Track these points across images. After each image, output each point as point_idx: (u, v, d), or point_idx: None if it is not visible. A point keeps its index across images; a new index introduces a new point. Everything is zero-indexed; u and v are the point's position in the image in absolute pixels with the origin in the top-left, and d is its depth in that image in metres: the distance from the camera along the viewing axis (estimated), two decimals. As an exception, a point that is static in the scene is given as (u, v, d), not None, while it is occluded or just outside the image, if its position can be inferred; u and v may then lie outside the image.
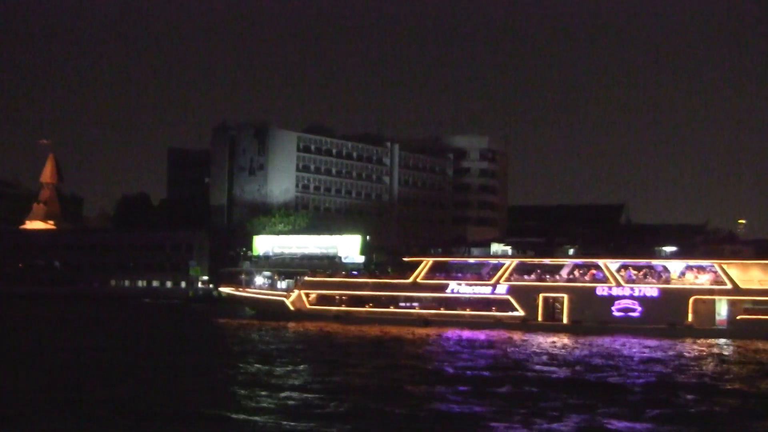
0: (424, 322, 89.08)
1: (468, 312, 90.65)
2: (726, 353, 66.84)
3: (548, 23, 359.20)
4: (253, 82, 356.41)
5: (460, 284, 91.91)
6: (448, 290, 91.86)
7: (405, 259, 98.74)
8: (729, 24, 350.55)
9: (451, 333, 79.64)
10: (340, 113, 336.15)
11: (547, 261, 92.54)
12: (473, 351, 63.46)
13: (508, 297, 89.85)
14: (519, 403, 39.53)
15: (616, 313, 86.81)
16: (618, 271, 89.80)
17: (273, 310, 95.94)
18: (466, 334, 79.20)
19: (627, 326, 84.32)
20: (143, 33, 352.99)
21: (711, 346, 72.34)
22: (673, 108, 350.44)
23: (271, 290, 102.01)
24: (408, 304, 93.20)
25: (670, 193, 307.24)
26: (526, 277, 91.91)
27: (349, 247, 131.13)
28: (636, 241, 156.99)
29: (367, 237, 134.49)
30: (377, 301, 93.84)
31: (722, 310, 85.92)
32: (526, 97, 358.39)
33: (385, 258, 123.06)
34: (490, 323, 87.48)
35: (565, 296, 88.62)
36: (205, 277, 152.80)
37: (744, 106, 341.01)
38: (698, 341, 76.84)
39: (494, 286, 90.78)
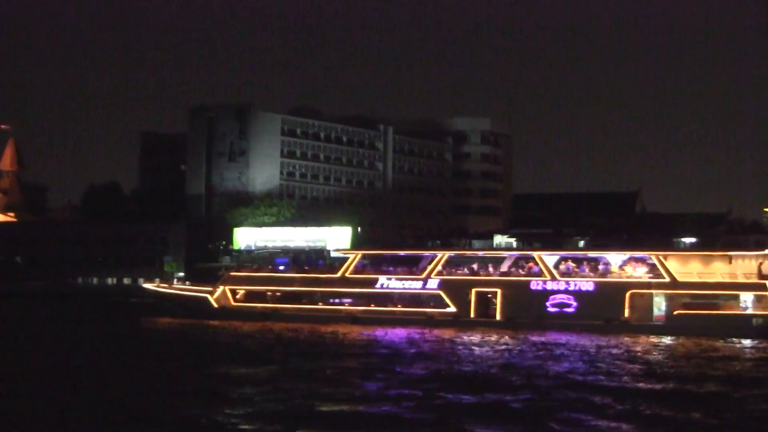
0: (353, 319, 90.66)
1: (399, 308, 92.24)
2: (638, 350, 67.79)
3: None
4: (233, 59, 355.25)
5: (390, 279, 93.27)
6: (378, 285, 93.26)
7: (333, 252, 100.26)
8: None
9: (380, 331, 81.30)
10: (329, 93, 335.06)
11: (481, 254, 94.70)
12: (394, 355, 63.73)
13: (440, 292, 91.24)
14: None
15: (551, 309, 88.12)
16: (558, 264, 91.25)
17: (195, 308, 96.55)
18: (391, 332, 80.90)
19: (562, 322, 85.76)
20: (112, 8, 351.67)
21: (635, 344, 73.51)
22: (693, 87, 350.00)
23: (195, 286, 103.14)
24: (341, 301, 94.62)
25: (689, 180, 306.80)
26: (459, 271, 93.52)
27: (338, 239, 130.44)
28: (652, 231, 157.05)
29: (359, 229, 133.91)
30: (310, 298, 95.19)
31: (660, 304, 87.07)
32: (532, 75, 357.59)
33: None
34: (421, 320, 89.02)
35: (499, 291, 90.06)
36: (182, 274, 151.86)
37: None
38: (629, 338, 78.36)
39: (425, 280, 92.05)
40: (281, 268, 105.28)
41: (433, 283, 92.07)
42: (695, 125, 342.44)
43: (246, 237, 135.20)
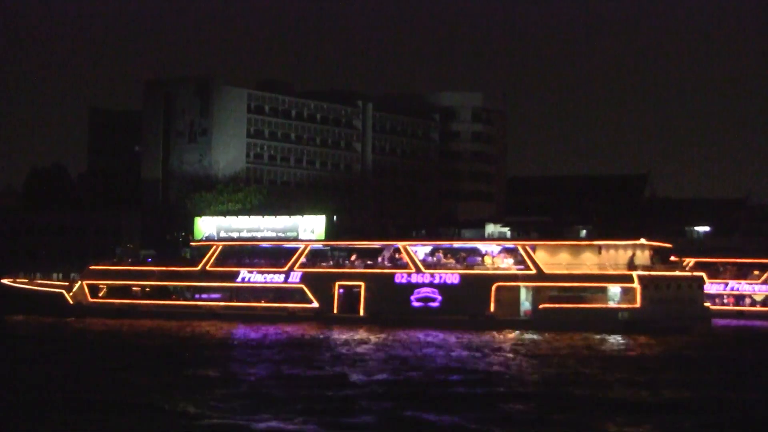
0: (213, 315, 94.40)
1: (260, 304, 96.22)
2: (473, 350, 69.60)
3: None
4: (193, 26, 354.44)
5: (251, 272, 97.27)
6: (239, 279, 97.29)
7: (192, 243, 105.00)
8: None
9: (241, 329, 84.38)
10: (301, 65, 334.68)
11: (343, 244, 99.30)
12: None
13: (302, 286, 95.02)
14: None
15: (415, 303, 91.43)
16: (431, 254, 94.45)
17: (51, 305, 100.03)
18: (246, 330, 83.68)
19: (426, 318, 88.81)
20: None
21: (486, 342, 75.95)
22: (706, 60, 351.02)
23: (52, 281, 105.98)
24: (207, 296, 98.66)
25: (703, 162, 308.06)
26: (323, 264, 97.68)
27: (312, 228, 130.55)
28: (662, 218, 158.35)
29: (335, 217, 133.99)
30: (179, 293, 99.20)
31: (527, 298, 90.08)
32: (529, 44, 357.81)
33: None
34: (283, 316, 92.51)
35: (362, 285, 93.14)
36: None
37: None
38: (490, 335, 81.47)
39: (287, 273, 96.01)
40: (149, 260, 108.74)
41: (295, 276, 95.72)
42: (709, 102, 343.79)
43: (208, 226, 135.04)
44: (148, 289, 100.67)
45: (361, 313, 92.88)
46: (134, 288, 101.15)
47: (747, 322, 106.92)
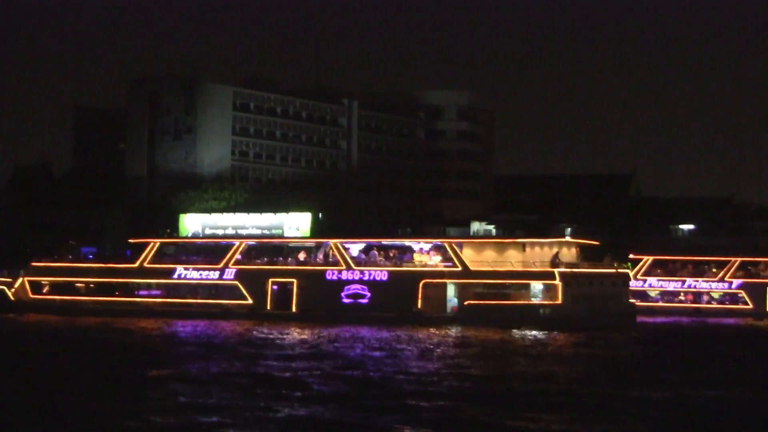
0: (150, 311, 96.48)
1: (196, 300, 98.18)
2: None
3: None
4: (178, 24, 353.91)
5: (187, 269, 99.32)
6: (175, 275, 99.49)
7: (130, 240, 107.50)
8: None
9: (180, 325, 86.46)
10: (286, 63, 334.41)
11: (276, 241, 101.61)
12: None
13: (236, 282, 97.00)
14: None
15: (345, 300, 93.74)
16: (364, 251, 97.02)
17: None
18: (181, 326, 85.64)
19: (356, 314, 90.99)
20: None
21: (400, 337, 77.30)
22: (692, 59, 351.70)
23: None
24: (148, 292, 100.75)
25: (689, 161, 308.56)
26: (258, 260, 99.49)
27: (297, 226, 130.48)
28: (649, 216, 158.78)
29: (320, 215, 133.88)
30: (124, 289, 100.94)
31: (453, 294, 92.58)
32: (516, 43, 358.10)
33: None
34: (218, 313, 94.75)
35: (295, 281, 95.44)
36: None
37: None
38: (416, 330, 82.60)
39: (222, 270, 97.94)
40: (90, 257, 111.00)
41: (230, 273, 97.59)
42: (695, 101, 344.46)
43: (194, 224, 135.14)
44: (92, 286, 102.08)
45: (294, 309, 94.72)
46: (78, 284, 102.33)
47: (698, 319, 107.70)
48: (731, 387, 51.06)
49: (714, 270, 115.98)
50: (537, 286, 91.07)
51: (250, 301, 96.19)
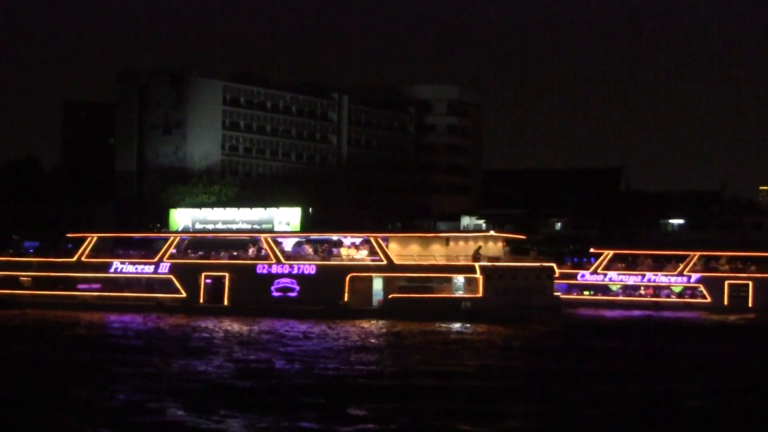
0: (86, 305, 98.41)
1: (131, 294, 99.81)
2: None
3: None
4: (168, 18, 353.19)
5: (123, 263, 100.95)
6: (111, 269, 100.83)
7: (69, 234, 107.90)
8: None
9: (115, 318, 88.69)
10: (277, 58, 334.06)
11: (210, 236, 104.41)
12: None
13: (171, 276, 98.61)
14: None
15: (275, 293, 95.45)
16: (299, 246, 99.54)
17: None
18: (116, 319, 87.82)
19: (285, 307, 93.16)
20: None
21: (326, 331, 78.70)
22: (682, 55, 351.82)
23: None
24: (88, 286, 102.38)
25: (678, 155, 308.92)
26: (192, 254, 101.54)
27: (287, 220, 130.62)
28: (638, 210, 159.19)
29: (310, 209, 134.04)
30: (66, 283, 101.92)
31: (378, 288, 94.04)
32: (505, 38, 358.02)
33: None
34: (152, 306, 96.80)
35: (227, 275, 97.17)
36: None
37: (766, 51, 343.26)
38: (342, 323, 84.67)
39: (157, 264, 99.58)
40: (31, 251, 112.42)
41: (164, 267, 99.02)
42: (684, 96, 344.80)
43: (183, 218, 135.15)
44: (33, 280, 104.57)
45: (226, 302, 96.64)
46: (23, 279, 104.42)
47: (656, 313, 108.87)
48: (618, 381, 50.75)
49: (674, 264, 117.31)
50: (459, 279, 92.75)
51: (183, 294, 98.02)
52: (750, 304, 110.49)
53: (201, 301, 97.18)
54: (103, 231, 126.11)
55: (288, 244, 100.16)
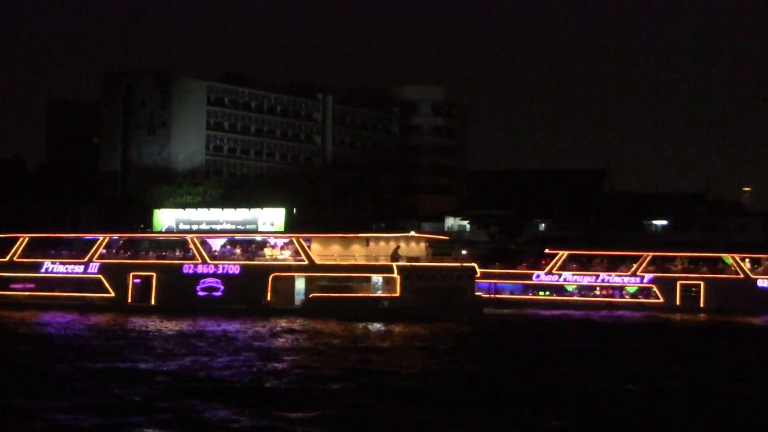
0: (18, 304, 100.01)
1: (61, 294, 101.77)
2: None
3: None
4: (153, 18, 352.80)
5: (54, 263, 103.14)
6: (42, 269, 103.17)
7: (0, 235, 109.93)
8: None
9: (49, 317, 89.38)
10: (261, 58, 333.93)
11: (138, 236, 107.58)
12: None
13: (100, 276, 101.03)
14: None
15: (201, 293, 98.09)
16: (224, 246, 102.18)
17: None
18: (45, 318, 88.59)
19: (210, 306, 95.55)
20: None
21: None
22: (665, 55, 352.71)
23: None
24: (22, 286, 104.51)
25: (662, 157, 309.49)
26: (123, 253, 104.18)
27: (271, 221, 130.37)
28: (622, 212, 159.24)
29: (294, 210, 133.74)
30: (0, 283, 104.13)
31: (300, 287, 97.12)
32: (490, 38, 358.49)
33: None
34: (82, 305, 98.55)
35: (154, 275, 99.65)
36: None
37: (749, 52, 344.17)
38: (262, 322, 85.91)
39: (87, 264, 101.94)
40: None
41: (94, 267, 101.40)
42: (669, 96, 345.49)
43: (168, 218, 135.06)
44: None
45: (153, 302, 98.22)
46: None
47: (610, 313, 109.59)
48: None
49: (628, 265, 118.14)
50: (377, 279, 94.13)
51: (112, 294, 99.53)
52: (701, 304, 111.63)
53: (129, 300, 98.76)
54: (87, 231, 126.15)
55: (217, 244, 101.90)
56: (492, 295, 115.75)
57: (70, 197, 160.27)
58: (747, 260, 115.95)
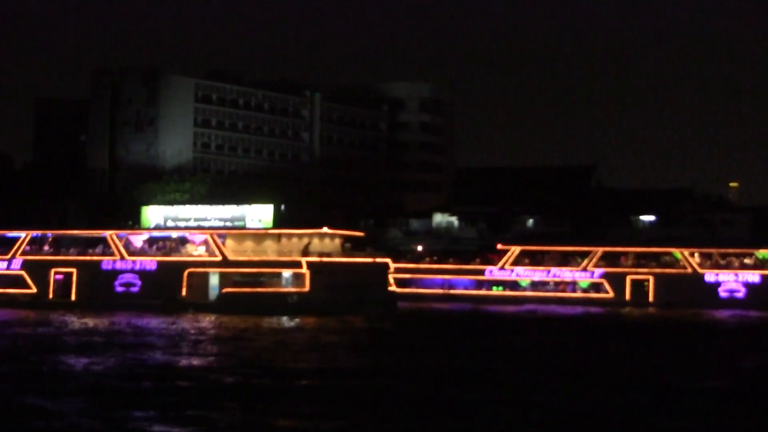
0: None
1: None
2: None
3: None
4: (140, 15, 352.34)
5: None
6: None
7: None
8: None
9: None
10: (249, 55, 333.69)
11: (57, 233, 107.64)
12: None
13: (22, 273, 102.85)
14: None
15: (118, 289, 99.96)
16: (154, 242, 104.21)
17: None
18: None
19: (128, 302, 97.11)
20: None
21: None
22: (652, 52, 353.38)
23: None
24: None
25: (650, 153, 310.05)
26: (47, 251, 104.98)
27: (259, 218, 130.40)
28: (610, 208, 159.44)
29: (282, 206, 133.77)
30: None
31: (214, 283, 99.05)
32: (478, 35, 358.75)
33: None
34: (5, 301, 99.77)
35: (74, 271, 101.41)
36: None
37: (737, 48, 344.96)
38: (174, 318, 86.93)
39: (10, 261, 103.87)
40: None
41: (16, 263, 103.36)
42: (656, 93, 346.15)
43: (156, 216, 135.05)
44: None
45: (73, 298, 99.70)
46: None
47: (561, 307, 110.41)
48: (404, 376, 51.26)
49: (579, 260, 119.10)
50: (287, 274, 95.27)
51: (34, 290, 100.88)
52: (650, 299, 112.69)
53: (50, 296, 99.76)
54: (77, 226, 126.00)
55: (139, 241, 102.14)
56: (445, 291, 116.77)
57: (58, 195, 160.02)
58: (697, 255, 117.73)
